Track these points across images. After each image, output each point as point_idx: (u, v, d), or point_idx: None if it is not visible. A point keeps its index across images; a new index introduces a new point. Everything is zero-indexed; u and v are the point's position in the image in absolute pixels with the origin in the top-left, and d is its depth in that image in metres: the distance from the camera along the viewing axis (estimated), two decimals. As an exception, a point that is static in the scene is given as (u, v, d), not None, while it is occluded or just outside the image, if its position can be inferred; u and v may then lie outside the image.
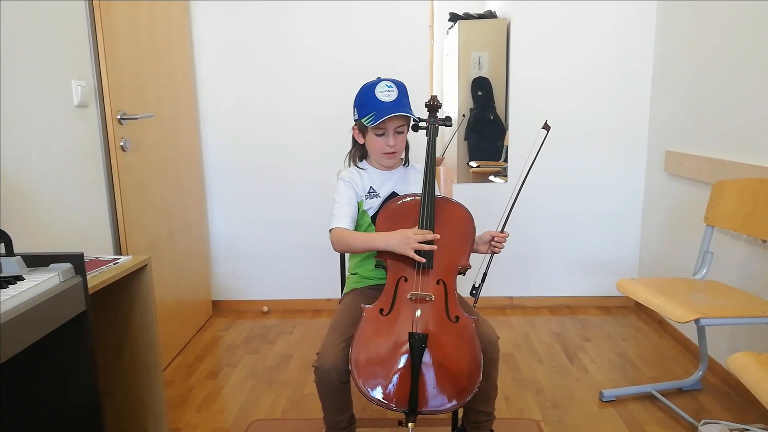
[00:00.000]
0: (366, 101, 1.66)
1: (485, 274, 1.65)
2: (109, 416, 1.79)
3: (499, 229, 1.69)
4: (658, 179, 2.87)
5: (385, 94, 1.64)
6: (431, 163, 1.65)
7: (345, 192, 1.72)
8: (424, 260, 1.52)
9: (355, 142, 1.78)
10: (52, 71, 1.88)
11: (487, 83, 2.99)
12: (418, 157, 1.83)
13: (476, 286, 1.64)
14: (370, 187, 1.74)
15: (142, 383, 1.79)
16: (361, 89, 1.71)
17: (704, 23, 2.43)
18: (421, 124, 1.73)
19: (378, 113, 1.62)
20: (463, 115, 3.01)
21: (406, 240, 1.52)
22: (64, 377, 1.33)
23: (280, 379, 2.39)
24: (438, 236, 1.53)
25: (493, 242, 1.69)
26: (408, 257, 1.54)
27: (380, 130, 1.66)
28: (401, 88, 1.67)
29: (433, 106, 1.73)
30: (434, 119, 1.72)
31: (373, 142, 1.70)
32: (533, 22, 2.90)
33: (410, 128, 1.74)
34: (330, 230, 1.68)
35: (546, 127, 1.71)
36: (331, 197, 1.75)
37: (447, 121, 1.74)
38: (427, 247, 1.52)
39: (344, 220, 1.68)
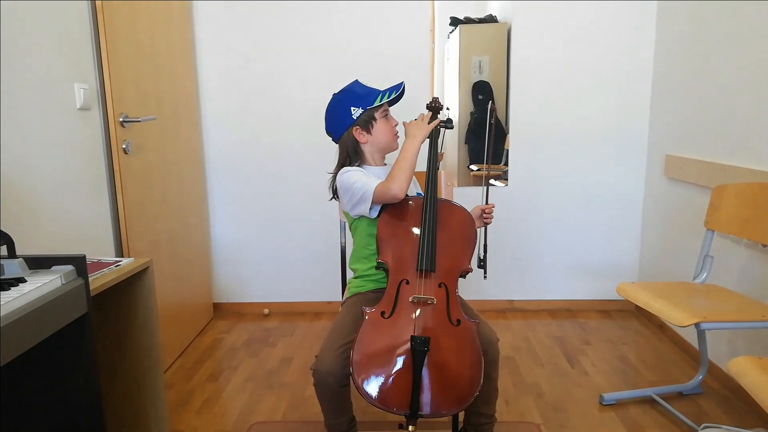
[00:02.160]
0: (364, 91, 1.72)
1: (486, 246, 1.72)
2: (110, 418, 1.79)
3: (483, 203, 1.76)
4: (658, 183, 2.88)
5: (367, 84, 1.77)
6: (432, 165, 1.65)
7: (359, 173, 1.68)
8: (445, 124, 1.71)
9: (347, 149, 1.74)
10: (54, 74, 1.89)
11: (487, 87, 3.00)
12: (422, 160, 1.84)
13: (482, 258, 1.70)
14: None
15: (142, 385, 1.79)
16: (345, 91, 1.75)
17: (704, 28, 2.43)
18: None
19: (388, 90, 1.70)
20: (447, 108, 3.01)
21: (419, 128, 1.66)
22: (65, 379, 1.34)
23: (281, 381, 2.39)
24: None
25: (483, 215, 1.76)
26: (407, 258, 1.56)
27: (384, 111, 1.71)
28: None
29: (434, 107, 1.73)
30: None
31: (382, 129, 1.71)
32: (534, 27, 2.91)
33: None
34: (374, 192, 1.60)
35: (492, 108, 1.77)
36: (333, 202, 1.74)
37: (448, 123, 1.74)
38: (429, 120, 1.67)
39: (374, 181, 1.63)
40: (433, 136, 1.71)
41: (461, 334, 1.50)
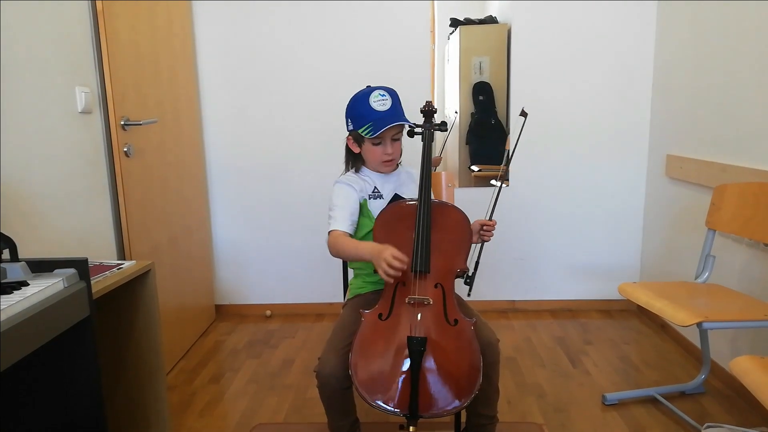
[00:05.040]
0: (361, 112, 1.65)
1: (477, 263, 1.65)
2: (112, 421, 1.80)
3: (487, 218, 1.70)
4: (659, 183, 2.87)
5: (380, 103, 1.63)
6: (427, 167, 1.65)
7: (344, 194, 1.70)
8: (390, 280, 1.48)
9: (349, 151, 1.76)
10: (56, 78, 1.89)
11: (488, 88, 3.00)
12: (413, 161, 1.85)
13: (470, 275, 1.64)
14: (374, 187, 1.73)
15: (145, 388, 1.79)
16: (353, 100, 1.69)
17: (704, 27, 2.44)
18: (417, 129, 1.74)
19: (375, 124, 1.61)
20: (456, 112, 3.02)
21: (380, 255, 1.47)
22: (67, 382, 1.34)
23: (283, 383, 2.40)
24: (405, 262, 1.47)
25: (482, 231, 1.70)
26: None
27: (377, 139, 1.65)
28: (394, 95, 1.67)
29: (428, 111, 1.73)
30: (429, 124, 1.73)
31: (370, 152, 1.70)
32: (534, 27, 2.91)
33: (406, 134, 1.73)
34: (329, 232, 1.68)
35: (523, 114, 1.71)
36: (331, 193, 1.74)
37: (442, 126, 1.74)
38: (397, 265, 1.44)
39: (343, 223, 1.67)
40: (427, 139, 1.71)
41: (459, 334, 1.50)
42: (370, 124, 1.62)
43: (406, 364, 1.44)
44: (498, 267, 3.13)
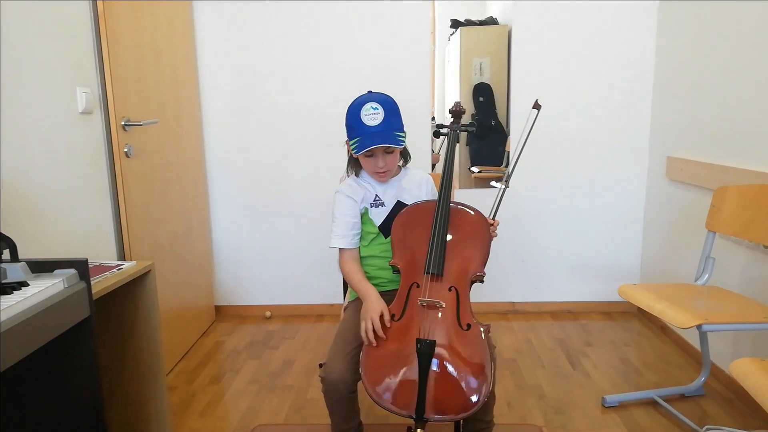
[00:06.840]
0: (352, 123, 1.62)
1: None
2: (113, 421, 1.80)
3: (491, 217, 1.69)
4: (659, 185, 2.87)
5: (370, 117, 1.58)
6: (449, 168, 1.65)
7: (344, 206, 1.70)
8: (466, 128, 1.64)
9: (349, 155, 1.76)
10: (57, 78, 1.90)
11: (488, 89, 3.00)
12: (419, 161, 1.85)
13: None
14: (375, 195, 1.72)
15: (145, 388, 1.79)
16: (349, 107, 1.65)
17: (705, 28, 2.44)
18: (443, 130, 1.75)
19: (362, 140, 1.58)
20: (432, 118, 3.04)
21: (366, 313, 1.52)
22: (67, 382, 1.34)
23: (283, 384, 2.40)
24: (381, 336, 1.49)
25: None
26: (418, 261, 1.57)
27: (369, 152, 1.62)
28: (388, 107, 1.60)
29: (456, 111, 1.76)
30: (457, 125, 1.74)
31: (364, 162, 1.68)
32: (534, 29, 2.91)
33: (432, 134, 1.72)
34: (336, 248, 1.70)
35: (537, 106, 1.70)
36: (333, 203, 1.76)
37: (470, 127, 1.75)
38: (371, 336, 1.48)
39: (344, 238, 1.69)
40: (451, 139, 1.71)
41: (471, 339, 1.48)
42: (358, 139, 1.59)
43: (415, 366, 1.44)
44: (498, 269, 3.12)
